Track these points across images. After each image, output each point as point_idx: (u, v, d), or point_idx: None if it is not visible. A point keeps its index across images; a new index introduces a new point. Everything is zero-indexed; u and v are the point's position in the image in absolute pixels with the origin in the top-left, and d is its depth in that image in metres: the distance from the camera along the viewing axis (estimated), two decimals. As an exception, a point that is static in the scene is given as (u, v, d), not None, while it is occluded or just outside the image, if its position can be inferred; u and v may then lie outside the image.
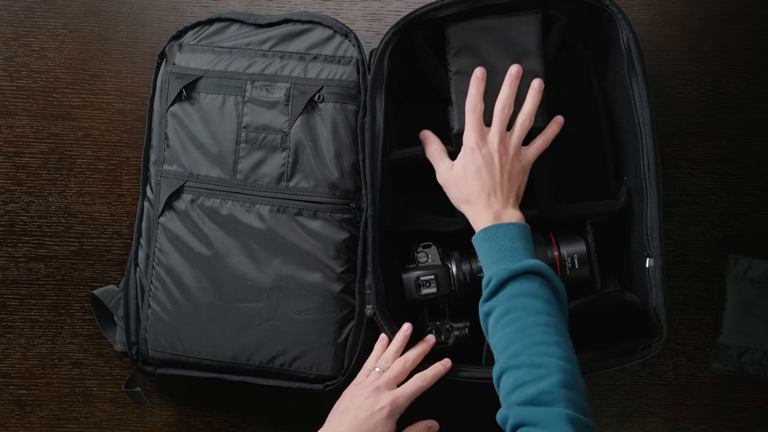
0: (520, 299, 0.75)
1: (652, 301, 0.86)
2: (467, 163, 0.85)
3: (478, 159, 0.84)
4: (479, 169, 0.84)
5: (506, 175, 0.85)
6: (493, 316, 0.76)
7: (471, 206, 0.85)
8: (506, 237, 0.80)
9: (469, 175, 0.85)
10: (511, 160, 0.86)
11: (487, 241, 0.81)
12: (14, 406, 1.01)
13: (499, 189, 0.84)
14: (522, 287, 0.76)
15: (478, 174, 0.84)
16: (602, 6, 0.88)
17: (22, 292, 1.01)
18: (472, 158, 0.85)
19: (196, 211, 0.91)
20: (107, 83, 1.02)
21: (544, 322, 0.73)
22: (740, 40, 1.01)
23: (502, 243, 0.79)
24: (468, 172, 0.85)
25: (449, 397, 0.98)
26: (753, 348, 1.00)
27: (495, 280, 0.77)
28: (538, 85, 0.88)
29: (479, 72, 0.87)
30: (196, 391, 1.00)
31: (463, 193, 0.85)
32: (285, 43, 0.92)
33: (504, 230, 0.80)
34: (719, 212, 1.01)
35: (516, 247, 0.79)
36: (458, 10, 0.88)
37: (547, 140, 0.89)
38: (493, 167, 0.84)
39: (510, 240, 0.79)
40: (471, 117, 0.86)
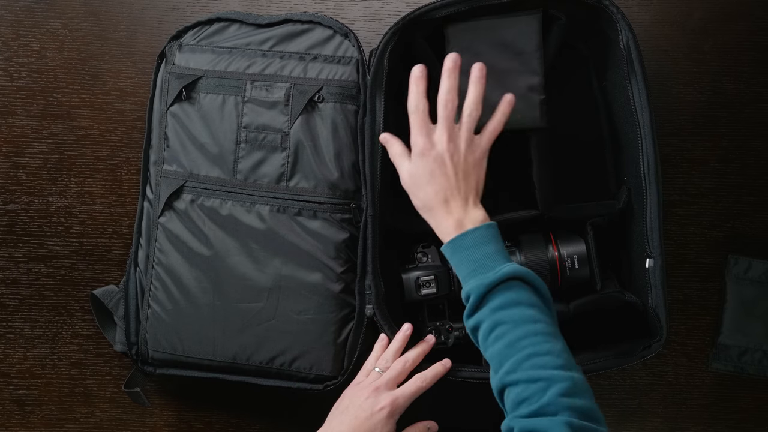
0: (504, 312, 0.73)
1: (652, 302, 0.86)
2: (418, 168, 0.81)
3: (428, 163, 0.80)
4: (432, 173, 0.80)
5: (461, 173, 0.80)
6: (481, 332, 0.75)
7: (431, 214, 0.81)
8: (473, 246, 0.77)
9: (422, 181, 0.81)
10: (464, 155, 0.81)
11: (456, 254, 0.78)
12: (14, 406, 1.01)
13: (455, 191, 0.80)
14: (503, 299, 0.74)
15: (431, 178, 0.80)
16: (601, 6, 0.88)
17: (22, 292, 1.01)
18: (423, 163, 0.80)
19: (196, 211, 0.91)
20: (107, 83, 1.02)
21: (532, 332, 0.72)
22: (740, 40, 1.01)
23: (471, 254, 0.76)
24: (421, 177, 0.81)
25: (449, 398, 0.98)
26: (753, 348, 1.00)
27: (474, 296, 0.75)
28: (478, 71, 0.83)
29: (417, 70, 0.83)
30: (196, 391, 1.00)
31: (421, 200, 0.82)
32: (285, 43, 0.92)
33: (470, 239, 0.77)
34: (719, 212, 1.01)
35: (487, 253, 0.76)
36: (458, 10, 0.88)
37: (499, 122, 0.84)
38: (446, 168, 0.80)
39: (478, 248, 0.76)
40: (413, 119, 0.82)
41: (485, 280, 0.74)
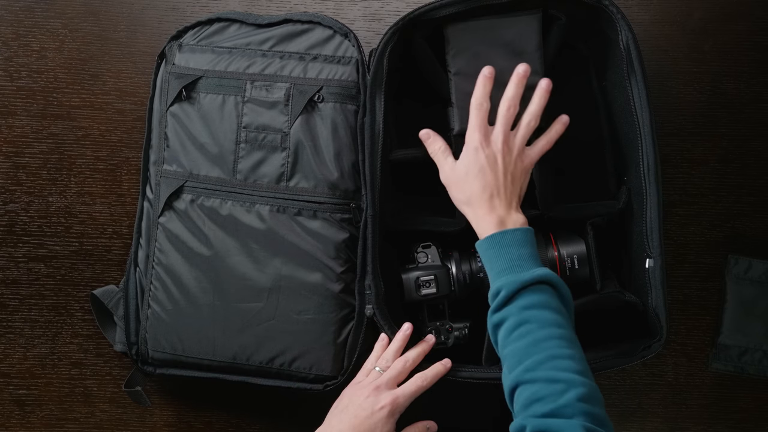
0: (532, 311, 0.74)
1: (652, 302, 0.86)
2: (470, 162, 0.83)
3: (481, 158, 0.82)
4: (482, 169, 0.82)
5: (509, 176, 0.83)
6: (504, 328, 0.75)
7: (473, 208, 0.83)
8: (513, 245, 0.78)
9: (471, 175, 0.83)
10: (515, 160, 0.83)
11: (493, 249, 0.79)
12: (14, 406, 1.01)
13: (502, 190, 0.82)
14: (533, 299, 0.75)
15: (480, 174, 0.82)
16: (601, 6, 0.88)
17: (22, 292, 1.01)
18: (475, 158, 0.82)
19: (196, 211, 0.91)
20: (107, 83, 1.02)
21: (557, 335, 0.73)
22: (740, 40, 1.01)
23: (509, 252, 0.78)
24: (470, 171, 0.83)
25: (449, 397, 0.98)
26: (753, 348, 1.00)
27: (505, 291, 0.75)
28: (545, 84, 0.86)
29: (487, 71, 0.85)
30: (196, 391, 1.00)
31: (464, 193, 0.83)
32: (285, 43, 0.92)
33: (510, 237, 0.79)
34: (719, 212, 1.01)
35: (523, 255, 0.77)
36: (457, 9, 0.88)
37: (550, 140, 0.87)
38: (497, 168, 0.82)
39: (517, 248, 0.78)
40: (475, 115, 0.84)
41: (519, 278, 0.75)
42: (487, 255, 0.80)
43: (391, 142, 0.94)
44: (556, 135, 0.87)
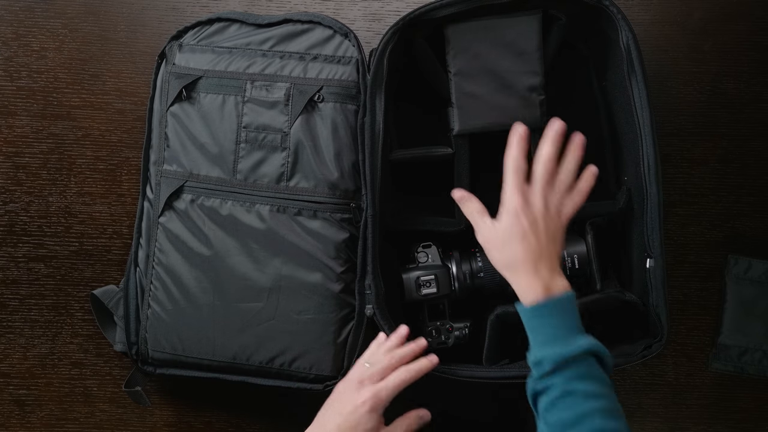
0: (576, 383, 0.73)
1: (653, 302, 0.86)
2: (511, 226, 0.79)
3: (523, 223, 0.79)
4: (524, 233, 0.79)
5: (550, 236, 0.80)
6: (548, 396, 0.74)
7: (515, 273, 0.79)
8: (559, 314, 0.76)
9: (513, 239, 0.79)
10: (554, 220, 0.81)
11: (539, 319, 0.77)
12: (14, 406, 1.01)
13: (545, 253, 0.79)
14: (578, 371, 0.74)
15: (523, 239, 0.79)
16: (601, 6, 0.88)
17: (22, 292, 1.01)
18: (517, 222, 0.79)
19: (196, 211, 0.91)
20: (107, 83, 1.02)
21: (602, 408, 0.72)
22: (740, 40, 1.01)
23: (555, 322, 0.76)
24: (513, 236, 0.79)
25: (449, 397, 0.98)
26: (753, 348, 1.00)
27: (548, 363, 0.74)
28: (579, 141, 0.83)
29: (522, 130, 0.82)
30: (196, 391, 1.00)
31: (505, 257, 0.80)
32: (285, 43, 0.92)
33: (557, 306, 0.77)
34: (719, 212, 1.01)
35: (567, 324, 0.76)
36: (458, 10, 0.88)
37: (583, 195, 0.84)
38: (538, 231, 0.79)
39: (563, 317, 0.76)
40: (513, 177, 0.81)
41: (564, 351, 0.74)
42: (531, 322, 0.77)
43: (391, 142, 0.94)
44: (588, 188, 0.84)
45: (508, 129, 0.90)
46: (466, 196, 0.85)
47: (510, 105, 0.90)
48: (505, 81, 0.90)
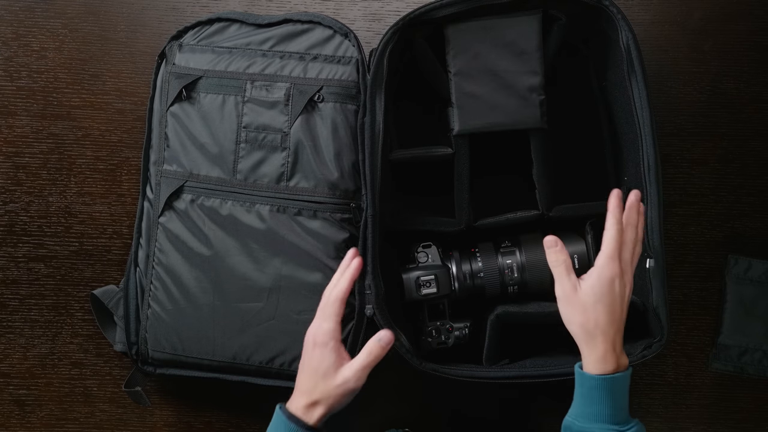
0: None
1: (653, 302, 0.86)
2: (603, 292, 0.78)
3: (616, 291, 0.78)
4: (614, 302, 0.78)
5: (626, 311, 0.80)
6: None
7: (593, 339, 0.77)
8: (620, 393, 0.77)
9: (602, 305, 0.77)
10: (630, 296, 0.80)
11: (600, 391, 0.76)
12: (14, 406, 1.01)
13: (622, 326, 0.79)
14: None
15: (611, 307, 0.78)
16: (601, 6, 0.88)
17: (22, 292, 1.01)
18: (610, 290, 0.78)
19: (196, 211, 0.91)
20: (107, 83, 1.02)
21: None
22: (740, 40, 1.01)
23: (615, 400, 0.76)
24: (602, 301, 0.77)
25: (449, 397, 0.98)
26: (753, 348, 1.00)
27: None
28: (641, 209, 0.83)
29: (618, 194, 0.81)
30: (196, 391, 1.00)
31: (588, 320, 0.78)
32: (285, 43, 0.92)
33: (620, 384, 0.77)
34: (719, 212, 1.01)
35: (624, 406, 0.77)
36: (458, 10, 0.88)
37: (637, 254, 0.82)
38: (623, 303, 0.79)
39: (621, 397, 0.77)
40: (615, 242, 0.79)
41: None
42: (591, 393, 0.77)
43: (391, 142, 0.94)
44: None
45: (508, 129, 0.91)
46: (559, 244, 0.81)
47: (510, 105, 0.90)
48: (505, 81, 0.90)
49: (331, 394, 0.78)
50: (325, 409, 0.78)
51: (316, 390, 0.79)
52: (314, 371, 0.80)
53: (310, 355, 0.81)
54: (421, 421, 0.99)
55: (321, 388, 0.79)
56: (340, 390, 0.79)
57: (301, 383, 0.80)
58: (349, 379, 0.79)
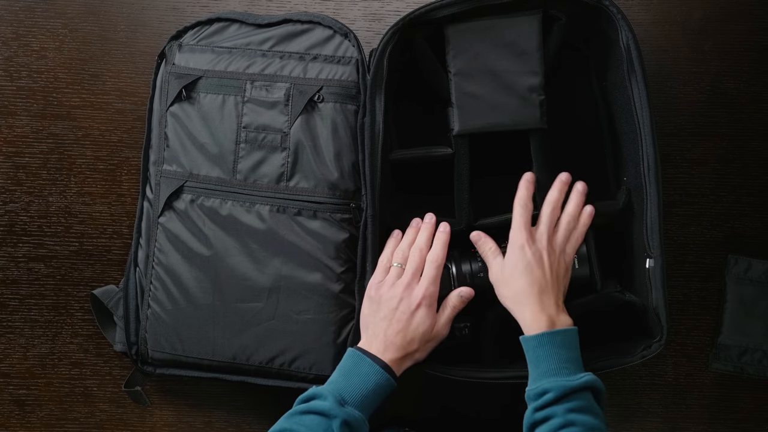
0: (577, 415, 0.75)
1: (653, 302, 0.86)
2: (517, 260, 0.84)
3: (527, 256, 0.83)
4: (529, 265, 0.83)
5: (554, 274, 0.84)
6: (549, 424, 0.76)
7: (520, 305, 0.83)
8: (563, 347, 0.79)
9: (518, 272, 0.83)
10: (558, 259, 0.85)
11: (542, 348, 0.79)
12: (14, 406, 1.01)
13: (549, 288, 0.83)
14: (578, 403, 0.76)
15: (527, 271, 0.83)
16: (601, 6, 0.88)
17: (22, 292, 1.01)
18: (522, 255, 0.84)
19: (196, 211, 0.91)
20: (107, 83, 1.02)
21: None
22: (740, 40, 1.01)
23: (558, 353, 0.79)
24: (517, 268, 0.84)
25: (449, 397, 0.98)
26: (753, 348, 1.00)
27: (552, 394, 0.76)
28: (582, 188, 0.89)
29: (529, 176, 0.88)
30: (196, 391, 1.00)
31: (512, 290, 0.84)
32: (285, 43, 0.92)
33: (560, 339, 0.79)
34: (719, 212, 1.01)
35: (570, 358, 0.79)
36: (458, 10, 0.88)
37: (582, 234, 0.89)
38: (543, 265, 0.83)
39: (565, 350, 0.79)
40: (520, 215, 0.86)
41: (568, 383, 0.76)
42: (535, 353, 0.80)
43: (391, 142, 0.94)
44: (584, 228, 0.89)
45: (508, 129, 0.91)
46: (482, 236, 0.89)
47: (510, 105, 0.90)
48: (505, 81, 0.90)
49: (427, 348, 0.85)
50: (413, 362, 0.85)
51: (412, 345, 0.84)
52: (413, 329, 0.84)
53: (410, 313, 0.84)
54: (421, 421, 0.99)
55: (418, 343, 0.84)
56: (433, 343, 0.86)
57: (390, 337, 0.83)
58: (440, 332, 0.86)
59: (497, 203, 0.92)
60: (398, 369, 0.83)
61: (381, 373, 0.80)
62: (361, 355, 0.81)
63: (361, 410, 0.78)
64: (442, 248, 0.88)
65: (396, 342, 0.83)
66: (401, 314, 0.84)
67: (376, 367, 0.80)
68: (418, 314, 0.84)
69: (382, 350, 0.83)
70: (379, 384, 0.80)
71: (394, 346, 0.83)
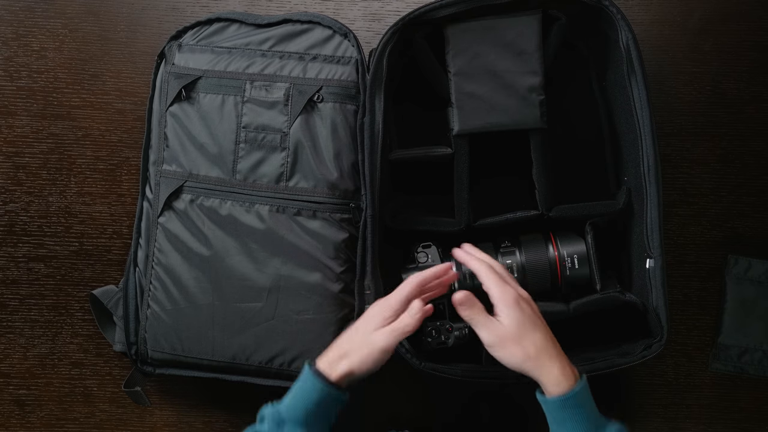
0: None
1: (653, 302, 0.86)
2: (520, 316, 0.77)
3: (527, 310, 0.78)
4: (534, 319, 0.78)
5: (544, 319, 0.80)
6: None
7: (543, 363, 0.76)
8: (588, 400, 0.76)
9: (527, 328, 0.77)
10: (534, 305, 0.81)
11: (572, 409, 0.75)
12: (14, 406, 1.01)
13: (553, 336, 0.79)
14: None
15: (535, 324, 0.77)
16: (601, 6, 0.88)
17: (22, 292, 1.01)
18: (522, 312, 0.77)
19: (196, 211, 0.91)
20: (107, 83, 1.02)
21: None
22: (740, 40, 1.01)
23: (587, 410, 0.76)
24: (526, 324, 0.77)
25: (449, 397, 0.98)
26: (753, 348, 1.00)
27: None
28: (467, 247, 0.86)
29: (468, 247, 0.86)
30: (196, 391, 1.00)
31: (526, 349, 0.76)
32: (284, 43, 0.92)
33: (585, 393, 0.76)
34: (719, 212, 1.01)
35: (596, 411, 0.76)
36: (458, 10, 0.88)
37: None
38: (540, 316, 0.79)
39: (590, 403, 0.76)
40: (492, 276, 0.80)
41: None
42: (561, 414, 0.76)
43: (391, 142, 0.94)
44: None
45: (508, 129, 0.91)
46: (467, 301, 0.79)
47: (510, 105, 0.90)
48: (504, 81, 0.90)
49: (357, 348, 0.78)
50: (349, 365, 0.77)
51: (346, 343, 0.79)
52: (355, 329, 0.80)
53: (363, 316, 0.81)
54: (421, 421, 0.99)
55: (352, 341, 0.79)
56: (367, 348, 0.78)
57: (338, 340, 0.80)
58: (378, 338, 0.78)
59: (497, 203, 0.93)
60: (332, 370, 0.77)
61: (321, 387, 0.76)
62: (307, 370, 0.78)
63: (305, 427, 0.76)
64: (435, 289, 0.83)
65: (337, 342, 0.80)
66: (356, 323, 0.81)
67: (316, 381, 0.76)
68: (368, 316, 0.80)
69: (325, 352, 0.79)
70: (320, 398, 0.76)
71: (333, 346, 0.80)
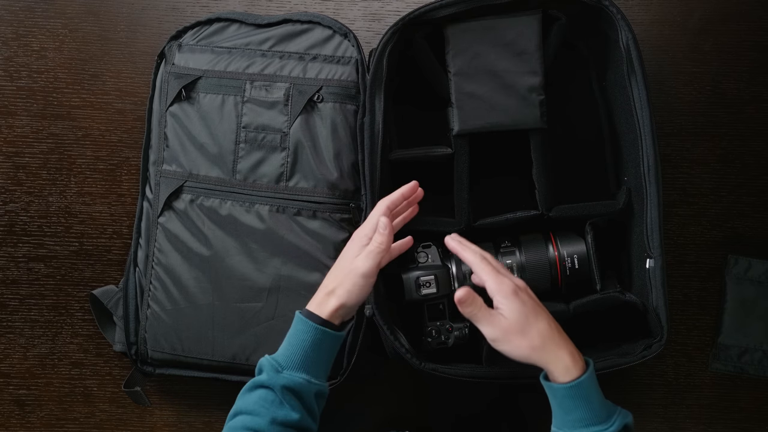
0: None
1: (653, 302, 0.86)
2: (521, 306, 0.76)
3: (527, 300, 0.77)
4: (535, 308, 0.77)
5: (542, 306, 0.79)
6: None
7: (550, 351, 0.75)
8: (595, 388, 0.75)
9: (531, 317, 0.76)
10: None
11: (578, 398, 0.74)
12: (14, 406, 1.01)
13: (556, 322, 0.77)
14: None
15: (537, 315, 0.76)
16: (601, 6, 0.88)
17: (22, 292, 1.01)
18: (523, 302, 0.76)
19: (196, 211, 0.91)
20: (107, 83, 1.02)
21: None
22: (740, 40, 1.01)
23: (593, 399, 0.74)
24: (528, 314, 0.76)
25: (449, 397, 0.98)
26: (753, 348, 1.00)
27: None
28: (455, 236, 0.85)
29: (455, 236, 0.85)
30: (196, 391, 1.00)
31: (533, 339, 0.75)
32: (284, 43, 0.92)
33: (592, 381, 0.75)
34: (719, 212, 1.01)
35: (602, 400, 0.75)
36: (458, 10, 0.88)
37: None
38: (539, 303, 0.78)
39: (597, 391, 0.75)
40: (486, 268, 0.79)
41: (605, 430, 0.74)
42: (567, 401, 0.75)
43: (391, 142, 0.94)
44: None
45: (508, 129, 0.91)
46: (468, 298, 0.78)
47: (510, 105, 0.90)
48: (504, 81, 0.90)
49: (341, 282, 0.79)
50: (338, 299, 0.78)
51: (330, 281, 0.80)
52: (335, 266, 0.81)
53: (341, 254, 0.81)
54: (421, 421, 0.99)
55: (335, 277, 0.80)
56: (350, 278, 0.78)
57: (322, 283, 0.81)
58: (358, 264, 0.79)
59: (497, 203, 0.93)
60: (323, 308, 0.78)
61: (313, 328, 0.77)
62: (298, 315, 0.78)
63: (304, 371, 0.76)
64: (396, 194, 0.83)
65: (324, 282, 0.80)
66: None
67: (309, 323, 0.77)
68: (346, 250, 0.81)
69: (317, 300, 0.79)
70: (315, 339, 0.77)
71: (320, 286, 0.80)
